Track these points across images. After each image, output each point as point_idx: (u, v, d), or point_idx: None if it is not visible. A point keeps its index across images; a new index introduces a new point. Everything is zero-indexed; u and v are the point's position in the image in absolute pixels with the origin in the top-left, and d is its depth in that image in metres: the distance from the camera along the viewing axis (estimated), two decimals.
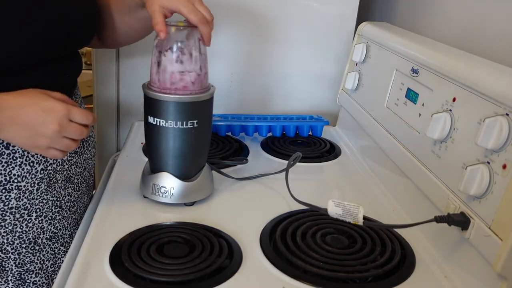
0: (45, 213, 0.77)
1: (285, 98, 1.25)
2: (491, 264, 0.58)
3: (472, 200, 0.64)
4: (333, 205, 0.68)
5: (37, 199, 0.76)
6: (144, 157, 0.98)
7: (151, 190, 0.79)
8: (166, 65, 0.74)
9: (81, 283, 0.62)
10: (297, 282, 0.64)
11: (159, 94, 0.74)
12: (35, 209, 0.76)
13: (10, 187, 0.72)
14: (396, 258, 0.68)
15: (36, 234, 0.77)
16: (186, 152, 0.78)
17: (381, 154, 0.94)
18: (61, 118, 0.64)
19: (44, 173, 0.76)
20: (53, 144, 0.65)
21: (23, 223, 0.75)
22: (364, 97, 1.07)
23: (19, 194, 0.73)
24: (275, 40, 1.19)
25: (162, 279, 0.62)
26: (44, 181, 0.76)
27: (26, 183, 0.74)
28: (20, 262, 0.77)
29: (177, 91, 0.74)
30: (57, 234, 0.81)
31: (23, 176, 0.73)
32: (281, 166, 0.94)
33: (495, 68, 0.72)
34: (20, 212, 0.74)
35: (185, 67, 0.74)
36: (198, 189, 0.81)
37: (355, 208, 0.67)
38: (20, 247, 0.76)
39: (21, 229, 0.75)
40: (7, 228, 0.74)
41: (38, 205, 0.76)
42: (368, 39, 1.08)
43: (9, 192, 0.72)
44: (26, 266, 0.78)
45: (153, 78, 0.76)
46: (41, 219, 0.77)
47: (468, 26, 0.94)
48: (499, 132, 0.60)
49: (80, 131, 0.66)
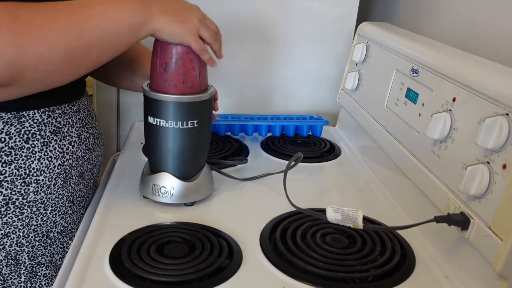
0: (59, 208, 0.79)
1: (285, 98, 1.25)
2: (491, 264, 0.58)
3: (472, 200, 0.64)
4: (332, 211, 0.67)
5: (54, 194, 0.77)
6: (144, 157, 0.98)
7: (151, 190, 0.79)
8: (166, 66, 0.74)
9: (81, 283, 0.62)
10: (297, 282, 0.64)
11: (159, 94, 0.74)
12: (51, 204, 0.77)
13: (29, 181, 0.73)
14: (396, 258, 0.68)
15: (49, 228, 0.78)
16: (186, 152, 0.78)
17: (381, 154, 0.94)
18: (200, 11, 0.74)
19: (61, 169, 0.77)
20: (202, 27, 0.72)
21: (39, 216, 0.76)
22: (364, 97, 1.07)
23: (37, 188, 0.74)
24: (275, 40, 1.19)
25: (162, 279, 0.62)
26: (61, 177, 0.77)
27: (44, 177, 0.74)
28: (32, 255, 0.78)
29: (177, 91, 0.74)
30: (67, 228, 0.82)
31: (42, 170, 0.74)
32: (281, 166, 0.94)
33: (495, 68, 0.72)
34: (37, 206, 0.75)
35: (185, 68, 0.74)
36: (198, 189, 0.81)
37: (354, 212, 0.67)
38: (34, 240, 0.77)
39: (36, 222, 0.76)
40: (24, 222, 0.75)
41: (54, 200, 0.77)
42: (368, 39, 1.08)
43: (28, 185, 0.73)
44: (38, 259, 0.78)
45: (153, 78, 0.76)
46: (55, 213, 0.78)
47: (468, 26, 0.94)
48: (499, 132, 0.60)
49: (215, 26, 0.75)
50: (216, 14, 0.90)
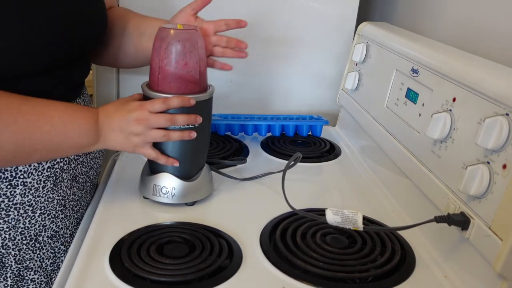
0: (48, 211, 0.78)
1: (285, 98, 1.25)
2: (491, 264, 0.58)
3: (472, 200, 0.64)
4: (332, 214, 0.67)
5: (43, 197, 0.76)
6: (144, 158, 0.98)
7: (152, 190, 0.79)
8: (166, 65, 0.74)
9: (81, 283, 0.62)
10: (297, 282, 0.64)
11: (159, 94, 0.74)
12: (40, 207, 0.76)
13: (15, 183, 0.72)
14: (396, 258, 0.68)
15: (38, 231, 0.77)
16: (186, 152, 0.78)
17: (381, 154, 0.94)
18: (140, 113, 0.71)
19: (51, 171, 0.76)
20: (146, 138, 0.73)
21: (26, 219, 0.75)
22: (364, 97, 1.07)
23: (24, 190, 0.73)
24: (275, 40, 1.19)
25: (162, 279, 0.62)
26: (50, 179, 0.76)
27: (32, 179, 0.74)
28: (20, 258, 0.77)
29: (176, 91, 0.74)
30: (58, 233, 0.81)
31: (29, 172, 0.73)
32: (281, 166, 0.94)
33: (495, 68, 0.72)
34: (24, 208, 0.74)
35: (184, 68, 0.74)
36: (199, 188, 0.81)
37: (354, 214, 0.67)
38: (21, 243, 0.76)
39: (24, 225, 0.75)
40: (10, 224, 0.74)
41: (44, 203, 0.76)
42: (368, 39, 1.08)
43: (14, 187, 0.73)
44: (25, 263, 0.78)
45: (152, 77, 0.76)
46: (44, 216, 0.77)
47: (468, 26, 0.94)
48: (499, 132, 0.60)
49: (164, 118, 0.72)
50: (217, 14, 0.91)
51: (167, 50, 0.73)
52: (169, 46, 0.73)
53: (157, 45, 0.74)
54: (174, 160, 0.77)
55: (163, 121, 0.72)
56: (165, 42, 0.73)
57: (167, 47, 0.73)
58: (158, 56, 0.74)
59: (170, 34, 0.73)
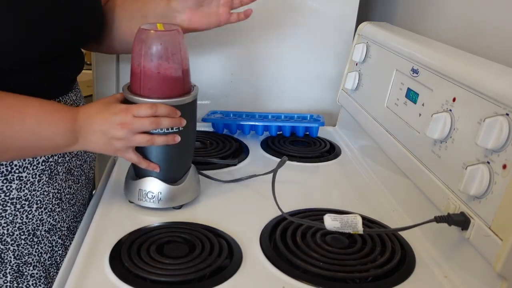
0: (45, 205, 0.78)
1: (285, 98, 1.25)
2: (491, 264, 0.58)
3: (472, 200, 0.64)
4: (330, 220, 0.67)
5: (39, 191, 0.76)
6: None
7: (138, 195, 0.78)
8: (146, 68, 0.71)
9: (81, 283, 0.62)
10: (297, 282, 0.64)
11: (143, 99, 0.72)
12: (36, 201, 0.76)
13: (11, 178, 0.73)
14: (396, 258, 0.68)
15: (36, 225, 0.78)
16: (171, 156, 0.76)
17: (381, 154, 0.94)
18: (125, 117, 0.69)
19: (46, 165, 0.76)
20: (128, 143, 0.70)
21: (23, 214, 0.75)
22: (364, 97, 1.07)
23: (20, 185, 0.74)
24: (276, 40, 1.19)
25: (162, 279, 0.62)
26: (45, 173, 0.76)
27: (28, 174, 0.74)
28: (18, 254, 0.77)
29: (160, 94, 0.72)
30: (55, 227, 0.81)
31: (25, 167, 0.73)
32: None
33: (495, 68, 0.72)
34: (21, 203, 0.75)
35: (166, 71, 0.72)
36: (185, 191, 0.80)
37: (353, 218, 0.66)
38: (19, 238, 0.76)
39: (21, 220, 0.76)
40: (8, 219, 0.74)
41: (39, 196, 0.77)
42: (368, 39, 1.08)
43: (10, 182, 0.73)
44: (24, 258, 0.78)
45: (133, 81, 0.74)
46: (41, 210, 0.78)
47: (468, 26, 0.93)
48: (499, 132, 0.60)
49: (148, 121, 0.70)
50: None
51: (148, 53, 0.71)
52: (149, 51, 0.71)
53: (137, 48, 0.72)
54: (156, 165, 0.75)
55: (147, 125, 0.70)
56: (145, 45, 0.71)
57: (147, 51, 0.71)
58: (138, 60, 0.72)
59: (151, 36, 0.71)
